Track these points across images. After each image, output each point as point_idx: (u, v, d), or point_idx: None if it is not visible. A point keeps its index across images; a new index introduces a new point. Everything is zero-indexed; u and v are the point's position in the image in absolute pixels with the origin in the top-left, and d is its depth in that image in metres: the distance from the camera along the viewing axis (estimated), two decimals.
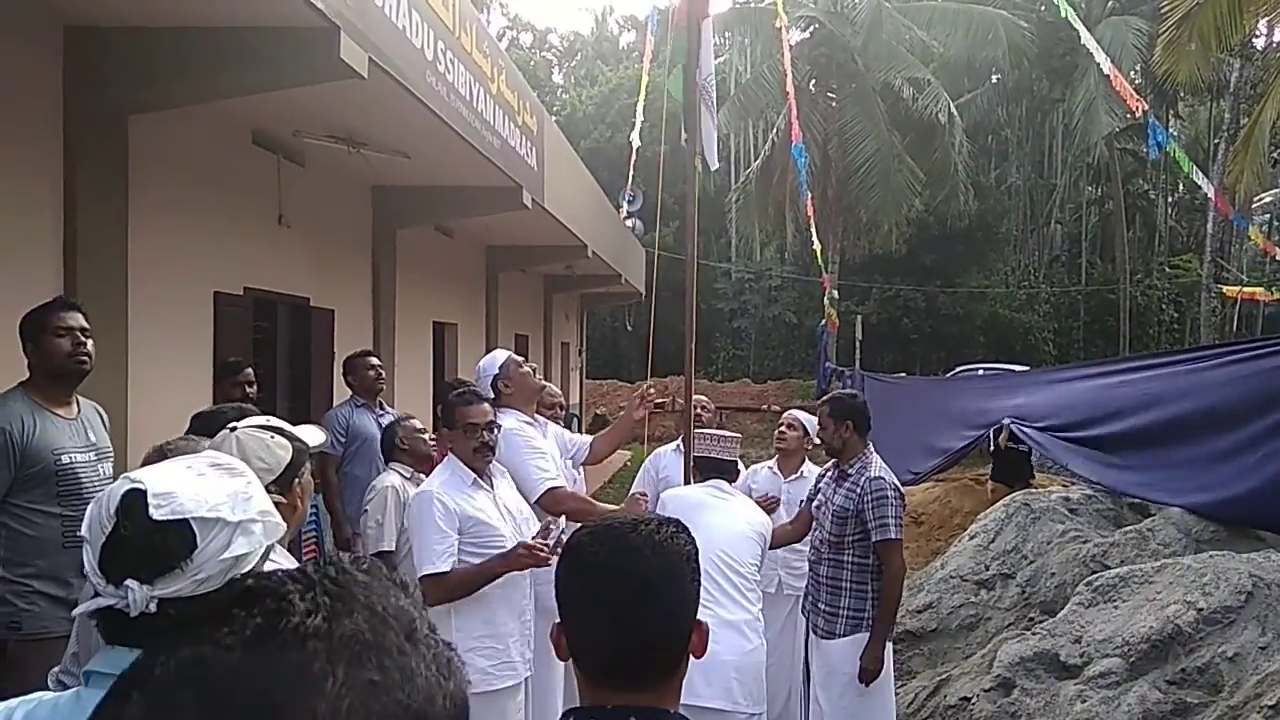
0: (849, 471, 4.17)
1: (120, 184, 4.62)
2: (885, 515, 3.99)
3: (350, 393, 5.54)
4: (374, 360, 5.60)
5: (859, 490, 4.06)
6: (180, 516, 1.26)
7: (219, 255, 5.75)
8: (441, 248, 9.88)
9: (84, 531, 1.31)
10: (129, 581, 1.24)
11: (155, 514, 1.26)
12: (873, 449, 4.24)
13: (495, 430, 3.48)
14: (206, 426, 2.41)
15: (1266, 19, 12.59)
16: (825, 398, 4.48)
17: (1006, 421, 8.08)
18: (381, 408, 5.56)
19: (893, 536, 4.00)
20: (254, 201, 6.15)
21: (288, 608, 0.60)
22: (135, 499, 1.27)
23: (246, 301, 6.10)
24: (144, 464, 2.30)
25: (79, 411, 3.29)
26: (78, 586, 3.08)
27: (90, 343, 3.24)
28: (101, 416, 3.41)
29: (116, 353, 4.48)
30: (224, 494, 1.31)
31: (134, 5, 4.17)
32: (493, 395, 3.92)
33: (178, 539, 1.26)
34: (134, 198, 4.71)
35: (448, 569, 3.18)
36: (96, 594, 1.27)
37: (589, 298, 19.19)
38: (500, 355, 4.15)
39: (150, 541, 1.25)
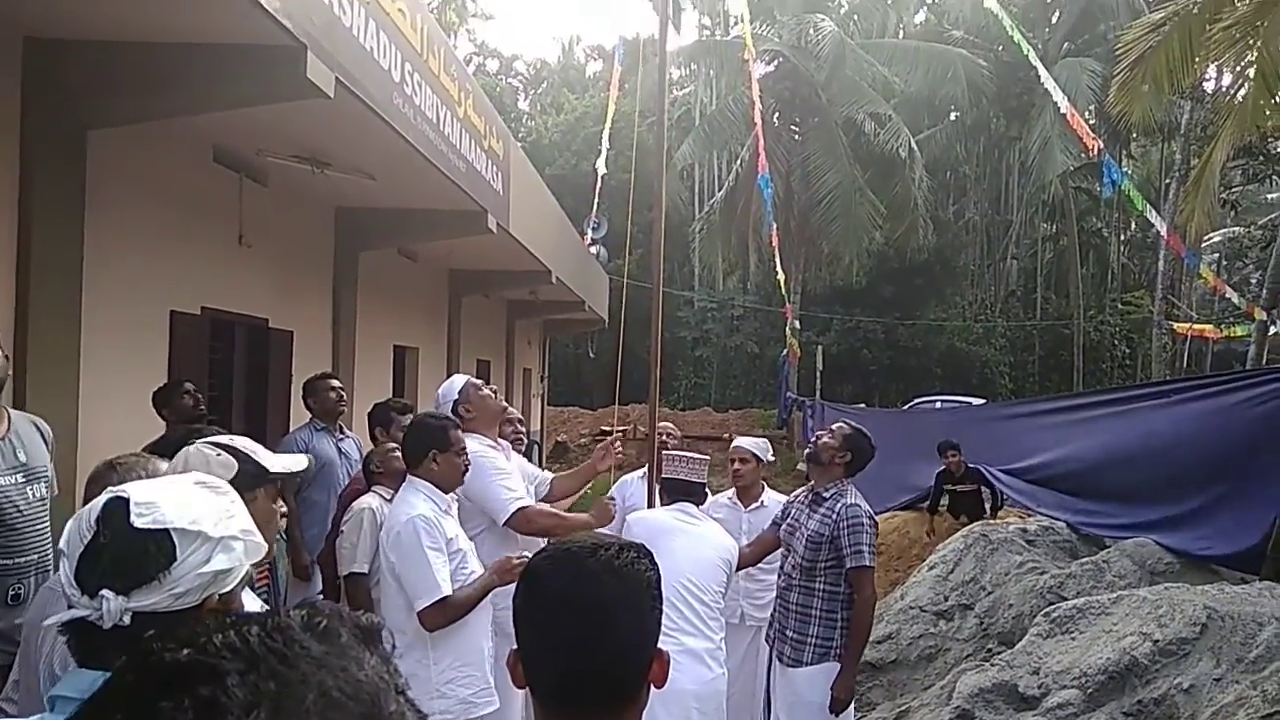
0: (825, 497, 4.16)
1: (77, 200, 4.53)
2: (860, 542, 3.99)
3: (310, 416, 5.44)
4: (335, 383, 5.52)
5: (835, 516, 4.05)
6: (161, 526, 1.25)
7: (177, 274, 5.65)
8: (404, 271, 9.82)
9: (62, 545, 1.29)
10: (104, 591, 1.21)
11: (136, 521, 1.24)
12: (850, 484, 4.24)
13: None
14: (165, 449, 2.35)
15: (1215, 64, 12.98)
16: (846, 425, 4.41)
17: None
18: (342, 431, 5.47)
19: (867, 564, 4.00)
20: (214, 220, 6.07)
21: (223, 701, 0.50)
22: (117, 506, 1.26)
23: (203, 322, 5.99)
24: (91, 480, 2.24)
25: (8, 429, 3.11)
26: (6, 614, 2.97)
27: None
28: (42, 432, 3.24)
29: (68, 372, 4.38)
30: (207, 508, 1.30)
31: (96, 19, 4.12)
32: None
33: (157, 549, 1.24)
34: (91, 214, 4.62)
35: (450, 592, 3.15)
36: (70, 606, 1.25)
37: (552, 324, 19.15)
38: (459, 380, 4.12)
39: (129, 550, 1.24)
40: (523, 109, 42.85)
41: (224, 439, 2.01)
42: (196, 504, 1.30)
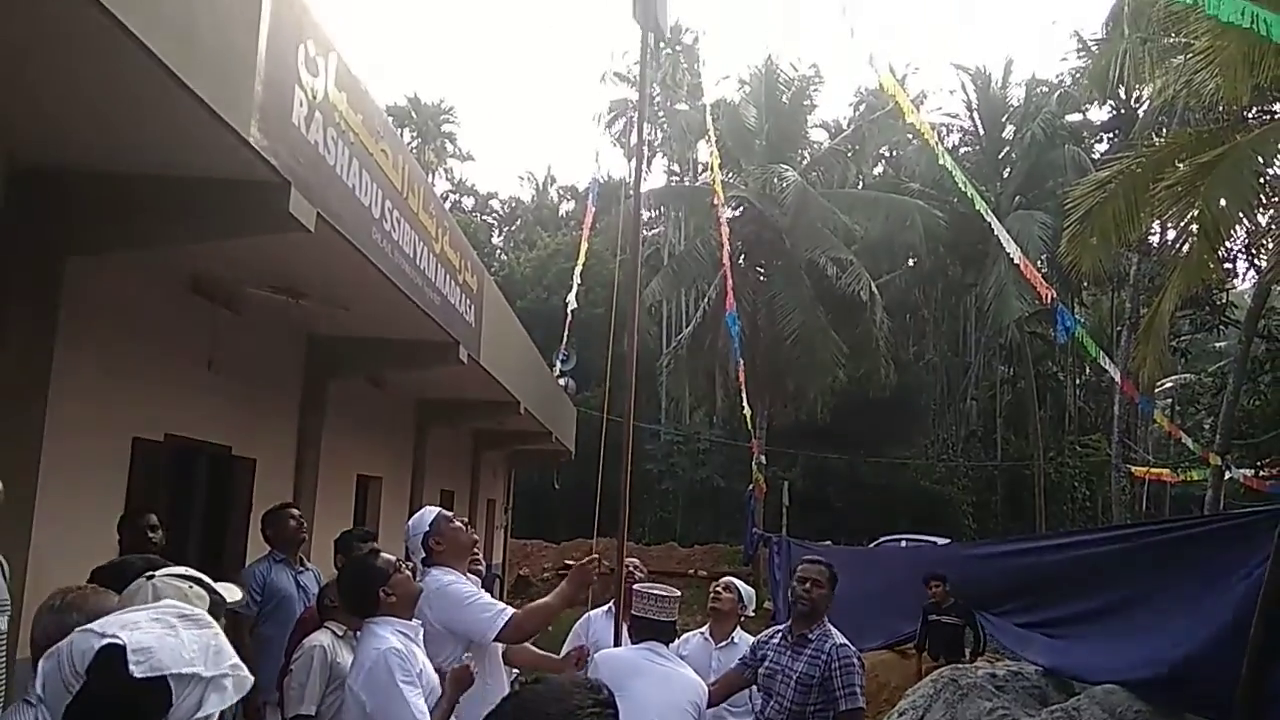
0: (810, 638, 4.08)
1: (49, 324, 4.53)
2: (853, 683, 3.91)
3: (268, 548, 5.32)
4: (295, 512, 5.43)
5: (825, 657, 3.97)
6: (159, 673, 1.22)
7: (143, 401, 5.61)
8: (372, 399, 9.80)
9: (39, 690, 1.24)
10: None
11: (135, 670, 1.21)
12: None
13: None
14: (112, 578, 2.29)
15: (1160, 219, 13.65)
16: (815, 560, 4.38)
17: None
18: (302, 564, 5.34)
19: (860, 705, 3.92)
20: (186, 346, 6.07)
21: None
22: (112, 655, 1.22)
23: (166, 449, 5.91)
24: (42, 611, 2.16)
25: None
26: None
27: None
28: (2, 567, 3.19)
29: (24, 498, 4.27)
30: (197, 648, 1.26)
31: (82, 149, 4.18)
32: (424, 554, 3.84)
33: (155, 697, 1.21)
34: (62, 338, 4.61)
35: None
36: None
37: (518, 455, 19.04)
38: (430, 512, 4.07)
39: (127, 701, 1.20)
40: (496, 244, 43.78)
41: (179, 569, 1.98)
42: (188, 644, 1.27)
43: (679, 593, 4.15)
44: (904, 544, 21.11)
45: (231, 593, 2.04)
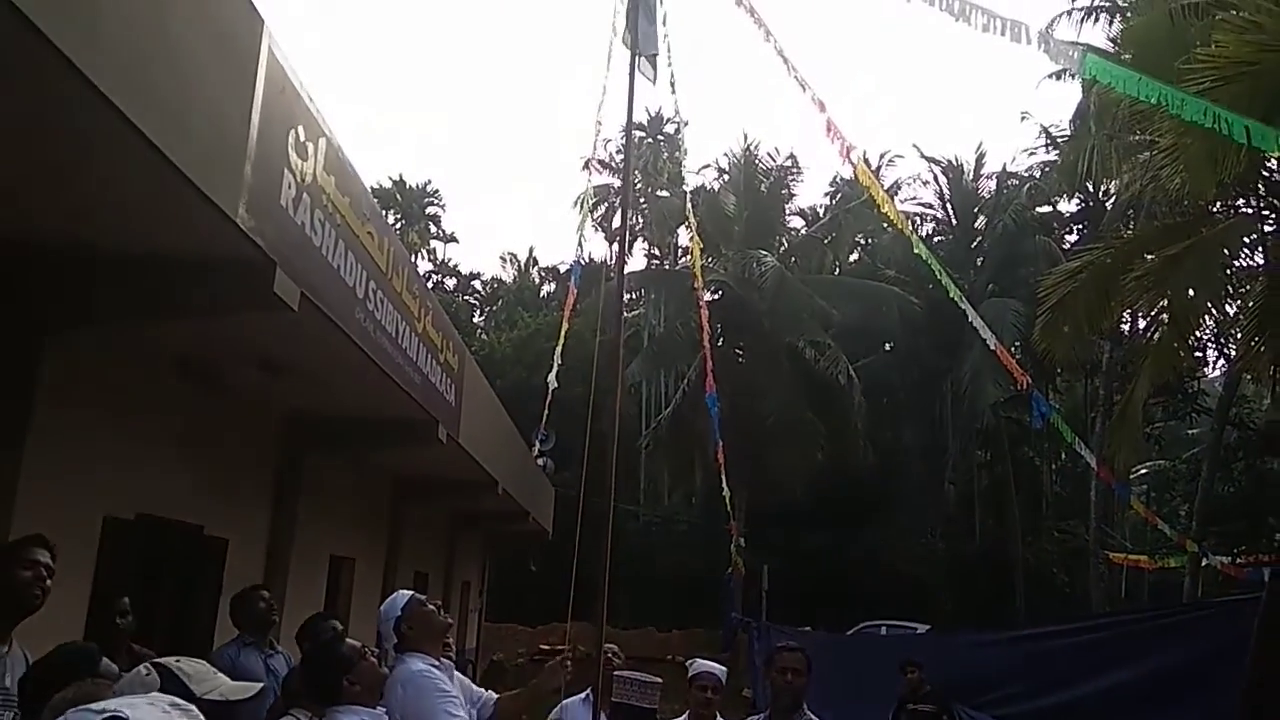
0: None
1: (25, 402, 4.49)
2: None
3: (237, 631, 5.20)
4: (265, 594, 5.33)
5: None
6: None
7: (116, 478, 5.53)
8: (348, 478, 9.70)
9: None
10: None
11: None
12: None
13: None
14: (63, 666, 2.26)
15: (1129, 309, 13.94)
16: (792, 647, 4.28)
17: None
18: (272, 647, 5.22)
19: None
20: (162, 423, 6.02)
21: None
22: None
23: (137, 528, 5.81)
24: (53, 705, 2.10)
25: (8, 650, 3.02)
26: None
27: (49, 582, 3.02)
28: (26, 658, 3.11)
29: None
30: None
31: (67, 227, 4.18)
32: (395, 639, 3.77)
33: None
34: (37, 416, 4.56)
35: None
36: None
37: (494, 536, 18.80)
38: (402, 596, 4.00)
39: None
40: (478, 323, 43.95)
41: (173, 661, 1.96)
42: None
43: (661, 680, 4.07)
44: (884, 631, 20.87)
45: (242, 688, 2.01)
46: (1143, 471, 24.96)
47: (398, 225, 44.86)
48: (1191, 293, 10.80)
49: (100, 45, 2.86)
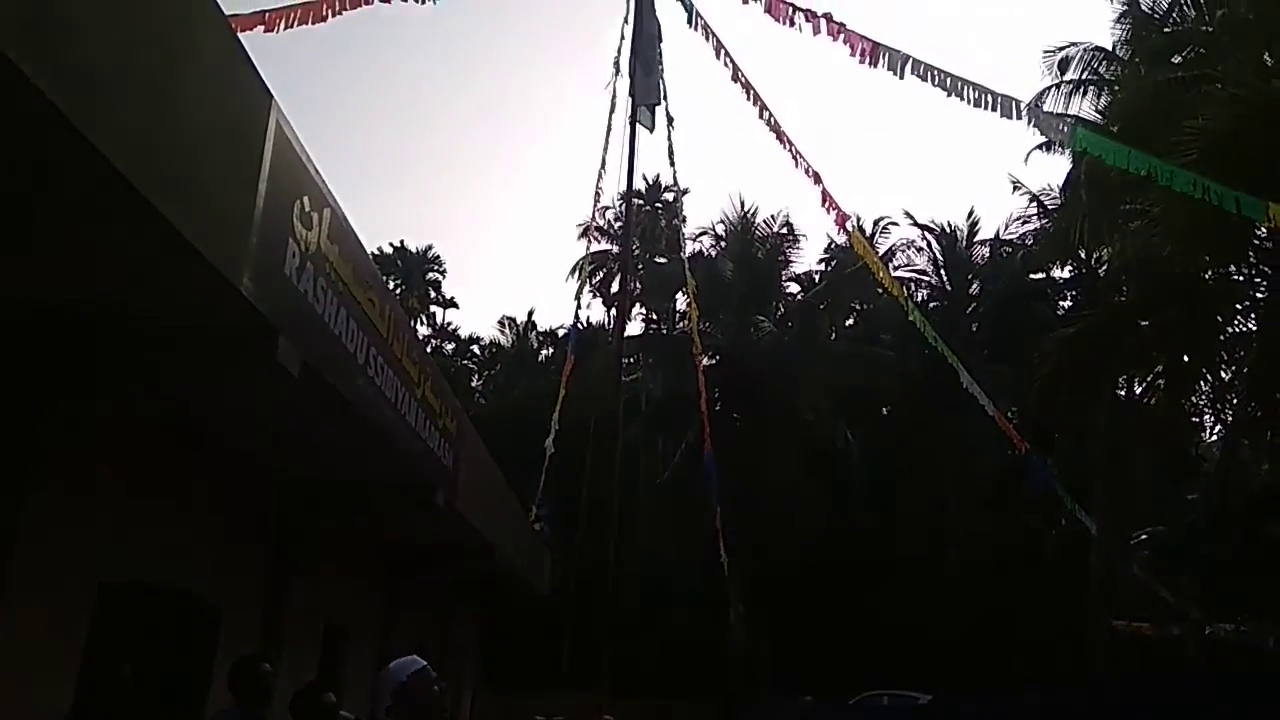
0: None
1: (25, 466, 4.49)
2: None
3: (233, 699, 5.12)
4: (265, 666, 5.26)
5: None
6: None
7: (112, 546, 5.50)
8: (345, 545, 9.61)
9: None
10: None
11: None
12: None
13: None
14: None
15: (1125, 375, 14.01)
16: None
17: None
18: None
19: None
20: (159, 490, 6.00)
21: None
22: None
23: (132, 595, 5.76)
24: None
25: None
26: None
27: None
28: None
29: None
30: None
31: (68, 295, 4.20)
32: (390, 703, 3.71)
33: None
34: (35, 479, 4.56)
35: None
36: None
37: (491, 600, 18.56)
38: (413, 664, 3.88)
39: None
40: (475, 387, 43.97)
41: None
42: None
43: None
44: (885, 700, 20.51)
45: None
46: (1143, 537, 24.79)
47: (398, 290, 45.19)
48: (1186, 358, 10.88)
49: (109, 115, 2.93)
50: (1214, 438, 22.17)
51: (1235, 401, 15.15)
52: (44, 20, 2.59)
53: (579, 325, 12.41)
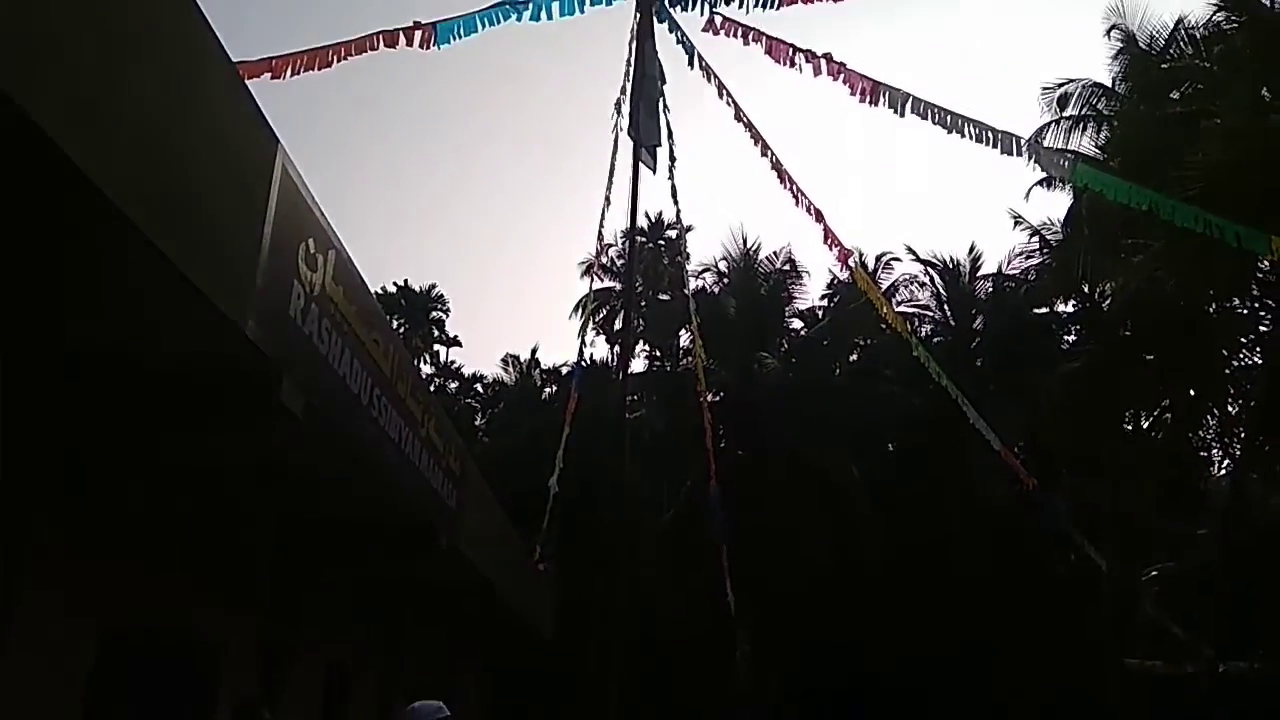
0: None
1: (30, 511, 4.47)
2: None
3: None
4: (266, 715, 5.21)
5: None
6: None
7: (112, 589, 5.45)
8: (347, 586, 9.54)
9: None
10: None
11: None
12: None
13: None
14: None
15: (1131, 410, 13.96)
16: None
17: None
18: None
19: None
20: (160, 532, 5.97)
21: None
22: None
23: (132, 639, 5.70)
24: None
25: None
26: None
27: None
28: None
29: None
30: None
31: (74, 336, 4.22)
32: None
33: None
34: (35, 525, 4.53)
35: None
36: None
37: (494, 640, 18.38)
38: (432, 711, 3.87)
39: None
40: (479, 425, 43.88)
41: None
42: None
43: None
44: None
45: None
46: (1154, 573, 24.55)
47: (402, 330, 45.33)
48: (1192, 392, 10.84)
49: (116, 159, 2.94)
50: (1222, 471, 22.06)
51: (1243, 435, 15.08)
52: (51, 64, 2.61)
53: (583, 363, 12.39)
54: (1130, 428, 21.19)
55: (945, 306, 33.20)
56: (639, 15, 12.64)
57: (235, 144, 3.84)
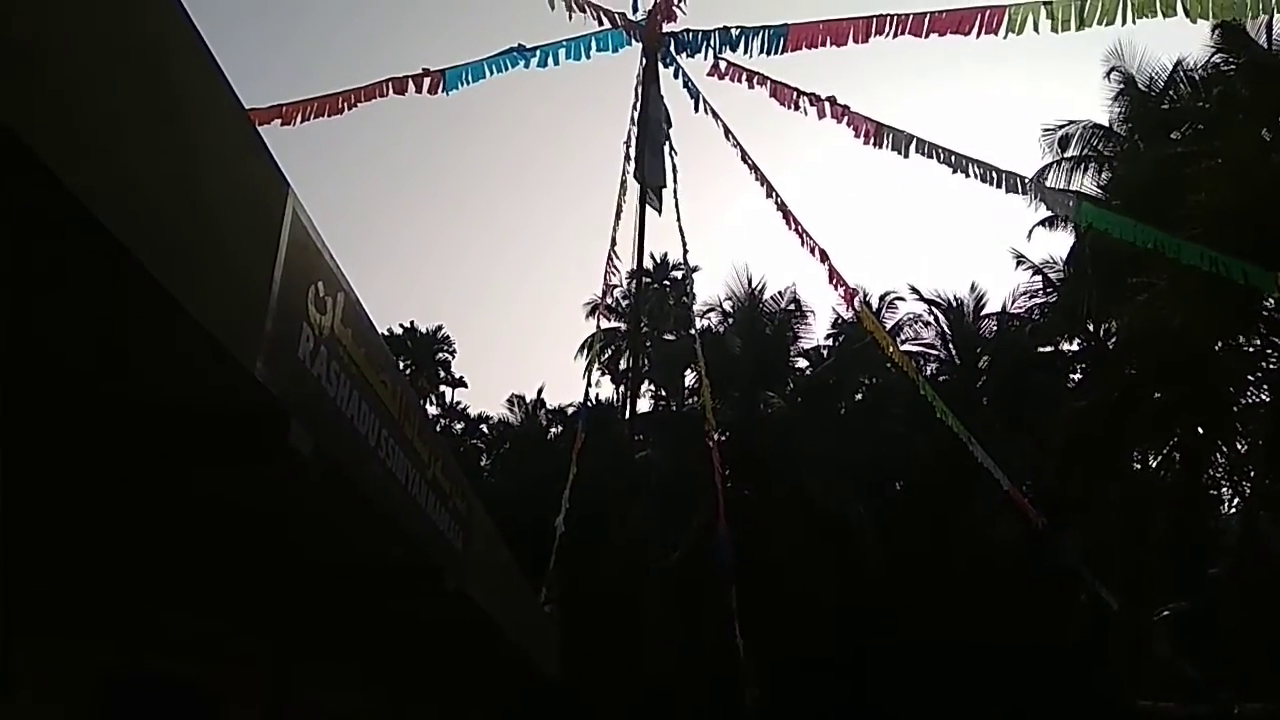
0: None
1: (29, 562, 4.44)
2: None
3: None
4: None
5: None
6: None
7: (115, 636, 5.42)
8: (350, 632, 9.45)
9: None
10: None
11: None
12: None
13: None
14: None
15: (1139, 449, 13.88)
16: None
17: None
18: None
19: None
20: (161, 576, 5.93)
21: None
22: None
23: (130, 686, 5.65)
24: None
25: None
26: None
27: None
28: None
29: None
30: None
31: (77, 375, 4.19)
32: None
33: None
34: (38, 569, 4.51)
35: None
36: None
37: (499, 684, 18.15)
38: None
39: None
40: (484, 466, 43.76)
41: None
42: None
43: None
44: None
45: None
46: (1165, 613, 24.28)
47: (408, 371, 45.38)
48: (1200, 431, 10.79)
49: (127, 204, 2.96)
50: (1232, 510, 21.88)
51: (1253, 474, 14.97)
52: (62, 107, 2.64)
53: (589, 403, 12.40)
54: (1139, 466, 21.08)
55: (950, 345, 33.21)
56: (644, 61, 12.83)
57: (246, 189, 3.88)
